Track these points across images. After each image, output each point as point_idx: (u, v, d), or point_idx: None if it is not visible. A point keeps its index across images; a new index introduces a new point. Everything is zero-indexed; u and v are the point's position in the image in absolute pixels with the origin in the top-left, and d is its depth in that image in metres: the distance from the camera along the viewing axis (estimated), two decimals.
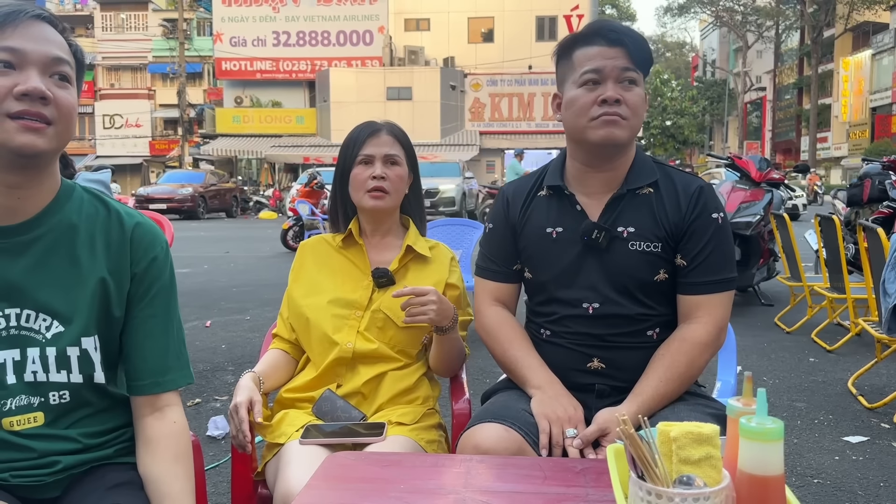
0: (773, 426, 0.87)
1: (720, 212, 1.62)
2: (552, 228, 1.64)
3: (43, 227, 1.24)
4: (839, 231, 4.73)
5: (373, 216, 1.84)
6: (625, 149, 1.61)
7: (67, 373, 1.25)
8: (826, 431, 3.40)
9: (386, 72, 31.00)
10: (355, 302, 1.79)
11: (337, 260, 1.86)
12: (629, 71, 1.56)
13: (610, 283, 1.59)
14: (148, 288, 1.31)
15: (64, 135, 1.20)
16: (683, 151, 46.68)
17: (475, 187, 20.79)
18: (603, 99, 1.53)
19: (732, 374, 2.01)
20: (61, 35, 1.23)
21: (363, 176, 1.79)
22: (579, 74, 1.57)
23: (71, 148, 29.54)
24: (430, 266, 1.84)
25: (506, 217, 1.72)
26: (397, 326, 1.76)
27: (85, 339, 1.26)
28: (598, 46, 1.56)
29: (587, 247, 1.60)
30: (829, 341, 5.02)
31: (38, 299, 1.23)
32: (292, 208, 12.12)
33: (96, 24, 41.18)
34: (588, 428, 1.48)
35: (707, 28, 56.54)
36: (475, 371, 4.14)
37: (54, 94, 1.17)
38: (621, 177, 1.63)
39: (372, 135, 1.81)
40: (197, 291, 7.57)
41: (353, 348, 1.74)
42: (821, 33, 34.81)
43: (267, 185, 32.00)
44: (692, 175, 1.68)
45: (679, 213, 1.59)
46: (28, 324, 1.23)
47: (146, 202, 20.73)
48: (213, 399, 3.87)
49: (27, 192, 1.22)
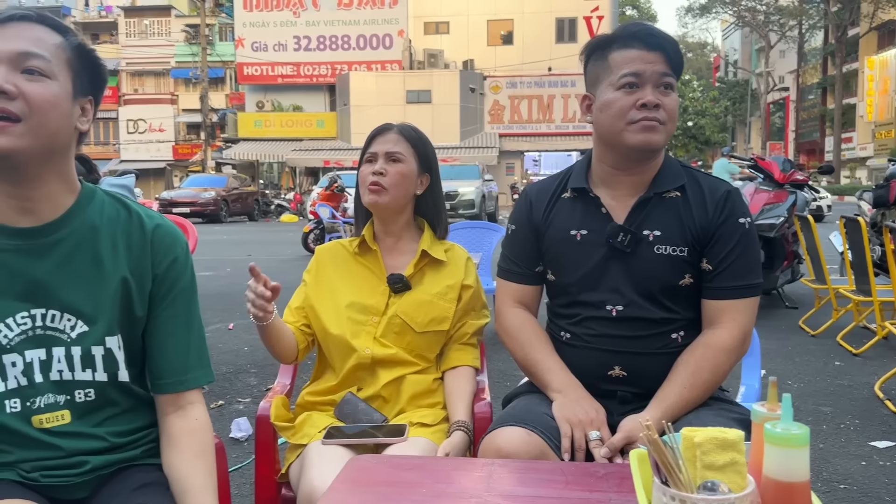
0: (798, 432, 0.86)
1: (747, 217, 1.60)
2: (577, 231, 1.64)
3: (66, 228, 1.26)
4: (865, 233, 4.67)
5: (379, 216, 1.85)
6: (657, 153, 1.61)
7: (92, 371, 1.27)
8: (852, 436, 3.36)
9: (405, 75, 31.08)
10: (372, 307, 1.79)
11: (354, 266, 1.86)
12: (667, 76, 1.56)
13: (634, 286, 1.58)
14: (169, 288, 1.33)
15: (39, 131, 1.15)
16: (705, 152, 46.31)
17: (494, 190, 20.79)
18: (643, 103, 1.53)
19: (756, 378, 1.99)
20: (55, 31, 1.21)
21: (365, 173, 1.81)
22: (617, 77, 1.56)
23: (95, 152, 29.75)
24: (446, 269, 1.84)
25: (529, 219, 1.71)
26: (414, 332, 1.76)
27: (109, 338, 1.27)
28: (637, 50, 1.56)
29: (612, 249, 1.59)
30: (855, 345, 4.95)
31: (63, 299, 1.24)
32: (313, 212, 12.17)
33: (120, 30, 41.74)
34: (615, 436, 1.47)
35: (729, 28, 56.06)
36: (496, 374, 4.13)
37: (22, 88, 1.13)
38: (648, 179, 1.62)
39: (380, 133, 1.84)
40: (220, 294, 7.63)
41: (372, 354, 1.75)
42: (845, 32, 34.38)
43: (288, 189, 32.23)
44: (719, 179, 1.67)
45: (706, 218, 1.58)
46: (53, 324, 1.25)
47: (170, 206, 20.98)
48: (236, 401, 3.90)
49: (34, 194, 1.22)
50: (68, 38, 1.21)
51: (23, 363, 1.23)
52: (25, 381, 1.24)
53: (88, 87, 1.26)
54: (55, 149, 1.21)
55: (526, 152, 31.77)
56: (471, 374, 1.82)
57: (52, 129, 1.17)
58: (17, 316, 1.23)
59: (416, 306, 1.78)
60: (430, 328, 1.78)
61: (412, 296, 1.79)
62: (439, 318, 1.79)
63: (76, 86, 1.22)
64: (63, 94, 1.19)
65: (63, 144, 1.22)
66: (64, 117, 1.20)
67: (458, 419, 1.70)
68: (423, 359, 1.80)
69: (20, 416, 1.23)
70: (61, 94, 1.18)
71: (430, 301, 1.79)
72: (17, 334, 1.23)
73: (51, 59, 1.17)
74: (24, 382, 1.24)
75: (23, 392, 1.23)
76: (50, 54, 1.17)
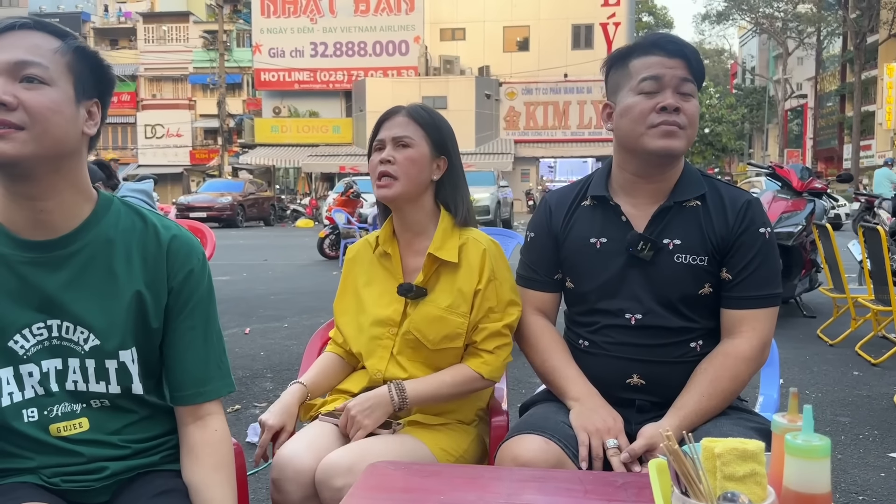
0: (819, 443, 0.86)
1: (767, 226, 1.60)
2: (596, 239, 1.63)
3: (80, 241, 1.25)
4: (884, 241, 4.63)
5: (395, 209, 1.74)
6: (677, 159, 1.60)
7: (106, 384, 1.28)
8: (871, 447, 3.32)
9: (421, 81, 31.16)
10: (388, 319, 1.73)
11: (376, 269, 1.80)
12: (687, 82, 1.55)
13: (654, 294, 1.57)
14: (186, 300, 1.32)
15: (43, 137, 1.15)
16: (722, 159, 46.05)
17: (510, 196, 20.76)
18: (662, 106, 1.52)
19: (775, 388, 1.98)
20: (54, 36, 1.19)
21: (373, 162, 1.70)
22: (637, 81, 1.56)
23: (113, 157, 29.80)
24: (460, 273, 1.69)
25: (548, 226, 1.71)
26: (429, 349, 1.70)
27: (122, 352, 1.27)
28: (658, 56, 1.56)
29: (631, 258, 1.59)
30: (873, 354, 4.90)
31: (76, 313, 1.25)
32: (329, 217, 12.22)
33: (139, 36, 42.14)
34: (635, 443, 1.47)
35: (746, 35, 55.81)
36: (512, 381, 4.12)
37: (21, 97, 1.13)
38: (668, 188, 1.61)
39: (387, 118, 1.72)
40: (236, 299, 7.68)
41: (383, 377, 1.71)
42: (864, 39, 34.09)
43: (304, 194, 32.35)
44: (740, 189, 1.66)
45: (726, 227, 1.57)
46: (68, 335, 1.25)
47: (187, 210, 21.15)
48: (253, 405, 3.92)
49: (48, 205, 1.22)
50: (67, 42, 1.19)
51: (39, 373, 1.25)
52: (42, 391, 1.25)
53: (93, 90, 1.24)
54: (63, 155, 1.20)
55: (541, 158, 31.70)
56: (461, 371, 1.68)
57: (56, 134, 1.17)
58: (33, 327, 1.24)
59: (429, 322, 1.68)
60: (444, 345, 1.69)
61: (425, 308, 1.70)
62: (452, 334, 1.68)
63: (78, 89, 1.21)
64: (64, 99, 1.18)
65: (71, 150, 1.21)
66: (68, 122, 1.18)
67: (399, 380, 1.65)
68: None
69: (38, 425, 1.24)
70: (62, 100, 1.17)
71: (442, 316, 1.68)
72: (33, 345, 1.24)
73: (48, 65, 1.16)
74: (40, 392, 1.25)
75: (39, 401, 1.24)
76: (47, 60, 1.16)
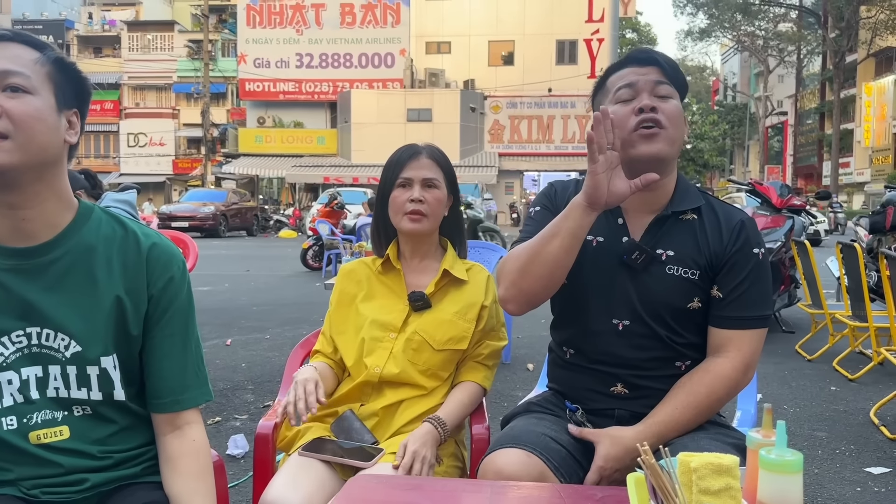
0: (792, 458, 0.88)
1: (761, 247, 1.60)
2: (592, 236, 1.62)
3: (61, 248, 1.26)
4: (861, 259, 4.70)
5: (411, 238, 1.87)
6: (667, 166, 1.58)
7: (88, 390, 1.28)
8: (847, 462, 3.36)
9: (406, 94, 31.25)
10: (389, 324, 1.81)
11: (375, 285, 1.89)
12: (662, 84, 1.56)
13: (642, 303, 1.57)
14: (165, 308, 1.33)
15: (28, 146, 1.17)
16: (704, 175, 46.47)
17: (494, 209, 20.85)
18: (639, 108, 1.53)
19: (752, 404, 2.01)
20: (32, 47, 1.21)
21: (402, 199, 1.81)
22: (613, 93, 1.58)
23: (95, 165, 29.69)
24: (467, 289, 1.85)
25: (553, 203, 1.69)
26: (433, 349, 1.78)
27: (104, 358, 1.28)
28: (631, 67, 1.59)
29: (624, 264, 1.59)
30: (850, 370, 4.97)
31: (56, 320, 1.25)
32: (312, 228, 12.23)
33: (123, 44, 41.93)
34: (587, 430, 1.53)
35: (728, 52, 56.49)
36: (493, 395, 4.14)
37: (4, 106, 1.15)
38: (664, 198, 1.61)
39: (412, 158, 1.83)
40: (217, 310, 7.63)
41: (381, 373, 1.77)
42: (843, 58, 34.66)
43: (287, 205, 32.27)
44: (735, 207, 1.67)
45: (720, 244, 1.58)
46: (48, 342, 1.25)
47: (169, 220, 21.00)
48: (233, 418, 3.90)
49: (29, 213, 1.23)
50: (46, 53, 1.22)
51: (19, 380, 1.24)
52: (22, 399, 1.25)
53: (73, 100, 1.26)
54: (47, 162, 1.21)
55: (525, 172, 31.89)
56: (473, 389, 1.82)
57: (40, 142, 1.18)
58: (12, 334, 1.24)
59: (436, 325, 1.80)
60: (449, 346, 1.79)
61: (432, 314, 1.81)
62: (458, 337, 1.80)
63: (59, 98, 1.23)
64: (46, 108, 1.20)
65: (54, 158, 1.22)
66: (51, 130, 1.20)
67: (435, 414, 1.72)
68: (435, 378, 1.81)
69: (17, 433, 1.23)
70: (44, 108, 1.19)
71: (450, 320, 1.80)
72: (12, 352, 1.24)
73: (30, 74, 1.18)
74: (20, 399, 1.24)
75: (19, 409, 1.24)
76: (28, 70, 1.18)
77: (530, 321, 6.29)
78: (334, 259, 10.81)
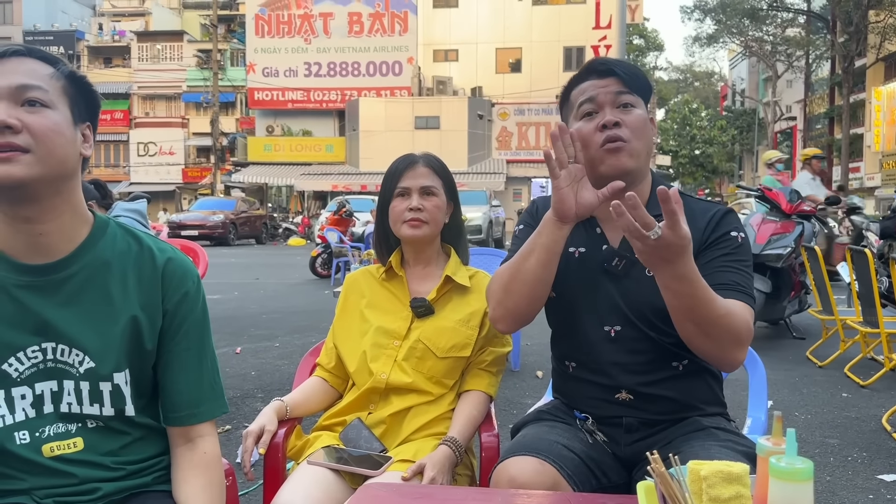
0: (802, 466, 0.88)
1: (740, 232, 1.58)
2: (574, 248, 1.64)
3: (76, 265, 1.27)
4: (872, 264, 4.67)
5: (413, 246, 1.89)
6: (637, 176, 1.59)
7: (100, 406, 1.29)
8: (860, 469, 3.34)
9: (414, 101, 31.33)
10: (394, 331, 1.83)
11: (380, 292, 1.91)
12: (623, 94, 1.57)
13: (629, 307, 1.58)
14: (181, 322, 1.34)
15: (48, 159, 1.18)
16: (713, 181, 46.34)
17: (502, 216, 20.85)
18: (602, 124, 1.54)
19: (763, 410, 2.00)
20: (46, 62, 1.23)
21: (400, 208, 1.84)
22: (577, 107, 1.60)
23: (105, 174, 29.90)
24: (470, 296, 1.87)
25: (535, 220, 1.69)
26: (436, 357, 1.79)
27: (117, 374, 1.29)
28: (590, 80, 1.60)
29: (606, 272, 1.60)
30: (862, 376, 4.93)
31: (71, 335, 1.26)
32: (321, 236, 12.26)
33: (133, 54, 42.26)
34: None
35: (736, 58, 56.40)
36: (503, 402, 4.14)
37: (25, 120, 1.16)
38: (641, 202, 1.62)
39: (409, 167, 1.86)
40: (227, 318, 7.66)
41: (387, 379, 1.78)
42: (852, 63, 34.51)
43: (296, 213, 32.37)
44: (714, 203, 1.67)
45: (699, 235, 1.57)
46: (63, 357, 1.26)
47: (178, 229, 21.10)
48: (243, 426, 3.90)
49: (47, 227, 1.24)
50: (59, 68, 1.24)
51: (32, 395, 1.25)
52: (34, 413, 1.26)
53: (86, 113, 1.29)
54: (65, 175, 1.23)
55: (533, 178, 31.86)
56: (479, 399, 1.82)
57: (59, 156, 1.20)
58: (27, 350, 1.25)
59: (439, 332, 1.81)
60: (452, 354, 1.80)
61: (435, 321, 1.83)
62: (461, 344, 1.81)
63: (74, 112, 1.25)
64: (64, 122, 1.22)
65: (71, 171, 1.24)
66: (69, 144, 1.22)
67: (449, 435, 1.72)
68: (441, 385, 1.81)
69: (30, 447, 1.24)
70: (62, 122, 1.21)
71: (453, 327, 1.82)
72: (27, 367, 1.25)
73: (48, 88, 1.20)
74: (32, 414, 1.25)
75: (31, 423, 1.25)
76: (46, 84, 1.20)
77: (539, 329, 6.24)
78: (343, 267, 10.83)
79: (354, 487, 1.60)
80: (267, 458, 1.80)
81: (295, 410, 1.82)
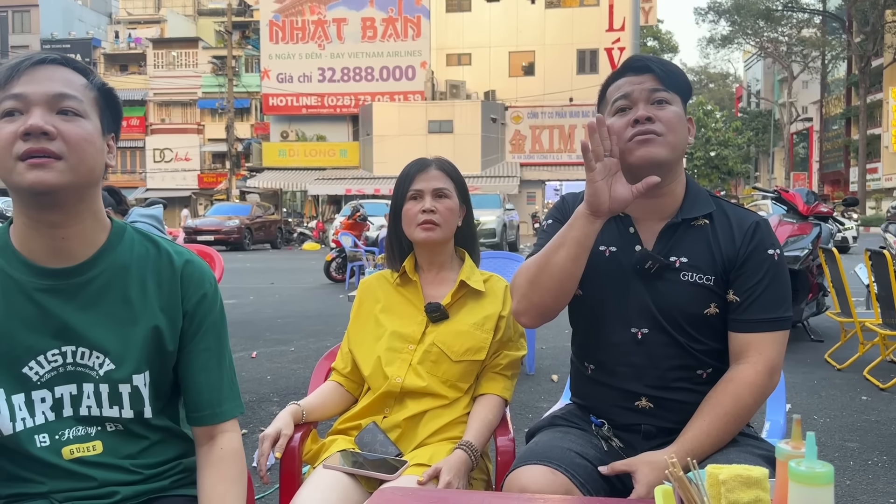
0: (822, 470, 0.87)
1: (776, 248, 1.57)
2: (605, 247, 1.62)
3: (96, 268, 1.29)
4: (891, 265, 4.62)
5: (427, 249, 1.89)
6: (670, 171, 1.57)
7: (119, 408, 1.30)
8: (880, 473, 3.30)
9: (427, 106, 31.39)
10: (408, 336, 1.83)
11: (394, 297, 1.91)
12: (658, 91, 1.56)
13: (658, 310, 1.56)
14: (200, 323, 1.36)
15: (79, 167, 1.21)
16: (728, 182, 46.05)
17: (516, 219, 20.81)
18: (635, 119, 1.53)
19: (782, 414, 1.98)
20: (79, 73, 1.26)
21: (414, 210, 1.84)
22: (611, 104, 1.59)
23: (121, 181, 30.11)
24: (485, 300, 1.87)
25: (564, 215, 1.68)
26: (451, 360, 1.79)
27: (136, 375, 1.30)
28: (626, 77, 1.59)
29: (637, 273, 1.58)
30: (882, 379, 4.87)
31: (91, 338, 1.28)
32: (335, 240, 12.28)
33: (149, 61, 42.62)
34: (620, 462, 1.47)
35: (751, 59, 56.09)
36: (518, 406, 4.12)
37: (60, 128, 1.19)
38: (674, 205, 1.60)
39: (421, 170, 1.87)
40: (243, 322, 7.69)
41: (402, 383, 1.78)
42: (869, 63, 34.25)
43: (311, 217, 32.49)
44: (748, 210, 1.65)
45: (733, 247, 1.56)
46: (83, 360, 1.28)
47: (194, 234, 21.25)
48: (259, 429, 3.90)
49: (69, 232, 1.26)
50: (91, 80, 1.27)
51: (52, 398, 1.27)
52: (53, 416, 1.27)
53: (112, 125, 1.31)
54: (91, 184, 1.25)
55: (547, 182, 31.85)
56: (494, 403, 1.82)
57: (89, 164, 1.22)
58: (48, 353, 1.26)
59: (454, 336, 1.81)
60: (467, 357, 1.80)
61: (450, 325, 1.82)
62: (475, 347, 1.81)
63: (103, 123, 1.28)
64: (95, 132, 1.24)
65: (97, 179, 1.27)
66: (98, 153, 1.25)
67: (465, 439, 1.71)
68: (455, 389, 1.81)
69: (50, 450, 1.26)
70: (94, 132, 1.24)
71: (468, 331, 1.81)
72: (47, 371, 1.27)
73: (82, 98, 1.23)
74: (51, 417, 1.27)
75: (50, 426, 1.27)
76: (80, 94, 1.23)
77: (554, 332, 6.26)
78: (357, 271, 10.85)
79: (370, 492, 1.60)
80: (283, 462, 1.81)
81: (311, 414, 1.83)
